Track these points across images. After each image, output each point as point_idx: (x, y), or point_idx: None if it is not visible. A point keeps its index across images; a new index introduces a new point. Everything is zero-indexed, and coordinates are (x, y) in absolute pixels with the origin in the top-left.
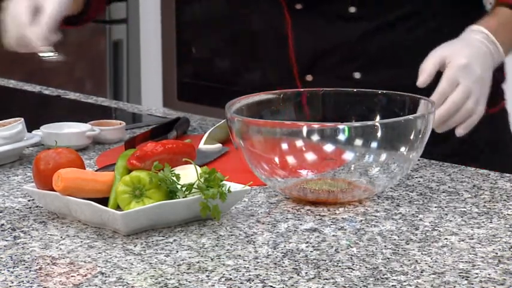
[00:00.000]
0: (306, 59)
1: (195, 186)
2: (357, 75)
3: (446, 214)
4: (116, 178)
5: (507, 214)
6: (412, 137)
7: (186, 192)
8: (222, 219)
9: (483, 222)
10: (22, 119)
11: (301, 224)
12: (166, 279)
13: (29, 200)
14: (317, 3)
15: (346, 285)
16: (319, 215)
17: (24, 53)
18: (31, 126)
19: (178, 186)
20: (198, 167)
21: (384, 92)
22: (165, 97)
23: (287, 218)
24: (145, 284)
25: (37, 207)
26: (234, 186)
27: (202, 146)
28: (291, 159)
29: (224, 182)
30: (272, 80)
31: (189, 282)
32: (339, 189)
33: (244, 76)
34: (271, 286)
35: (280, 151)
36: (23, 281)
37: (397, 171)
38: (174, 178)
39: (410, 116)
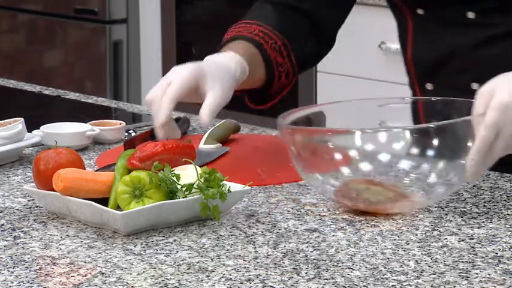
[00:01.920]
0: (424, 66)
1: (195, 186)
2: (475, 86)
3: (446, 214)
4: (116, 178)
5: (507, 214)
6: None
7: (186, 192)
8: (222, 219)
9: (483, 222)
10: (22, 119)
11: (301, 224)
12: (166, 279)
13: (29, 200)
14: (436, 8)
15: (346, 285)
16: (319, 215)
17: (24, 54)
18: (31, 126)
19: (178, 186)
20: (198, 167)
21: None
22: None
23: (287, 218)
24: (145, 284)
25: (37, 207)
26: (234, 186)
27: (202, 146)
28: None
29: (224, 182)
30: None
31: (189, 282)
32: (386, 197)
33: None
34: (271, 286)
35: (333, 161)
36: (23, 281)
37: (456, 181)
38: (174, 178)
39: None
